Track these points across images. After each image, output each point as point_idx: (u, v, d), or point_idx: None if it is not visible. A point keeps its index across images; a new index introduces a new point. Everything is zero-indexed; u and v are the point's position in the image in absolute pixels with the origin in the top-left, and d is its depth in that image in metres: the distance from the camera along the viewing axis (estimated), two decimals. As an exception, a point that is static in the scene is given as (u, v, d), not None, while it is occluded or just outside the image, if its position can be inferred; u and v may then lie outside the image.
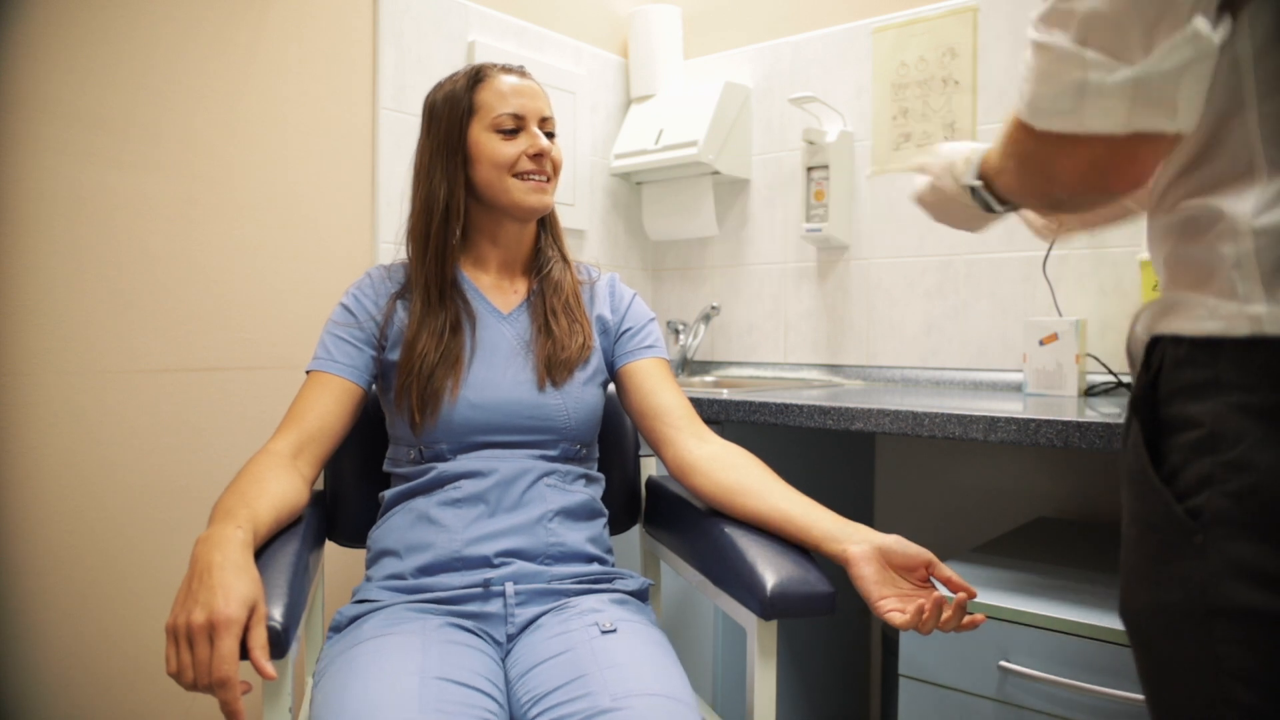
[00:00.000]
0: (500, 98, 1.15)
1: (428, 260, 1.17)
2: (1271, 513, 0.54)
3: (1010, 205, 0.79)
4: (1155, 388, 0.62)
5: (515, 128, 1.15)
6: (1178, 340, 0.60)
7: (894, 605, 0.93)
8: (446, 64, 1.83)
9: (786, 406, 1.44)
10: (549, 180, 1.18)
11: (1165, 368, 0.62)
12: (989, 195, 0.78)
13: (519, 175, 1.15)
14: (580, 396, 1.17)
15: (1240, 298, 0.56)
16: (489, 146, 1.15)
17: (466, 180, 1.17)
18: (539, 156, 1.16)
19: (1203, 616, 0.57)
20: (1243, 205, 0.57)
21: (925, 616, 0.90)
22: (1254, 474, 0.55)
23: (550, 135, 1.20)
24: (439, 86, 1.20)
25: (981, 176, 0.78)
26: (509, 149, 1.15)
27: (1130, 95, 0.55)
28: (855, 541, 0.97)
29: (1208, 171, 0.59)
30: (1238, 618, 0.56)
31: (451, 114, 1.16)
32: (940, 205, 0.88)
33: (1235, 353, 0.57)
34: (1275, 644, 0.55)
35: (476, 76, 1.17)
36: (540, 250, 1.25)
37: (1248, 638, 0.56)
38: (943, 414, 1.29)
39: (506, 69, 1.18)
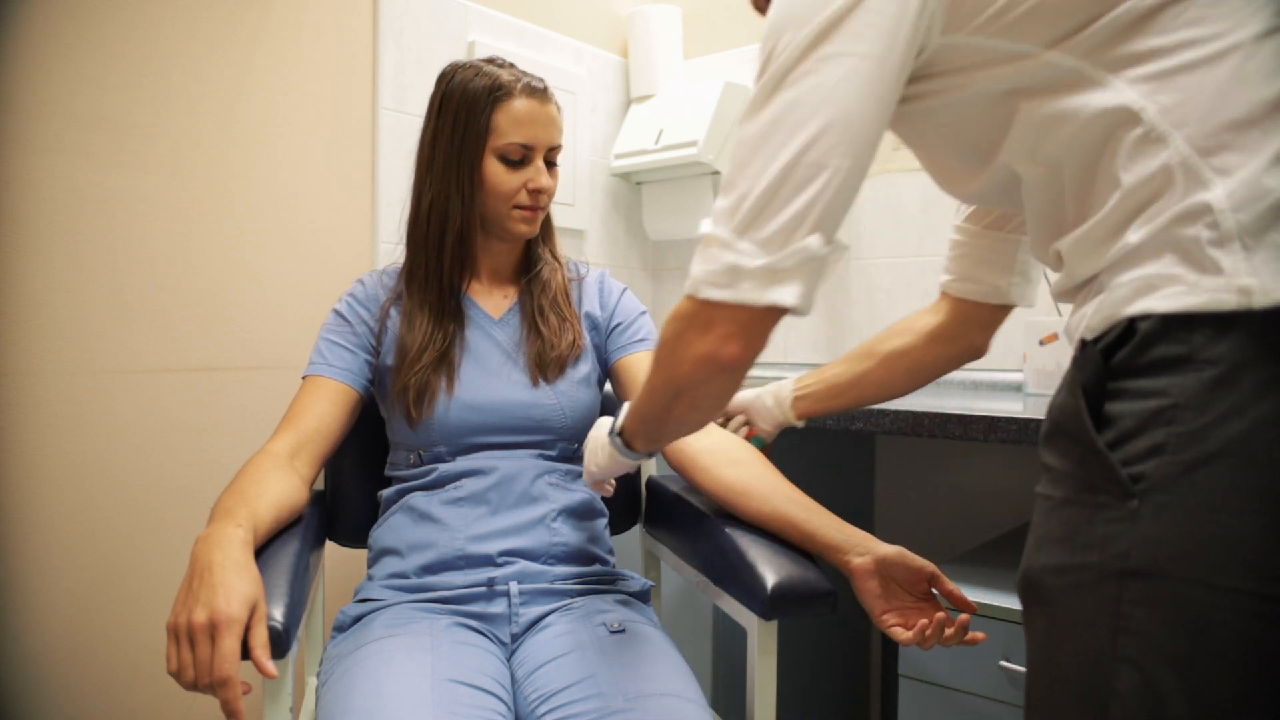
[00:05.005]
0: (515, 125, 1.12)
1: (444, 269, 1.15)
2: (1216, 482, 0.57)
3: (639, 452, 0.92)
4: (1107, 358, 0.64)
5: (521, 158, 1.14)
6: (1146, 317, 0.62)
7: (896, 620, 0.94)
8: (446, 64, 1.83)
9: (787, 406, 1.44)
10: (541, 210, 1.18)
11: (1130, 342, 0.63)
12: (621, 440, 0.92)
13: (516, 206, 1.15)
14: (575, 396, 1.17)
15: (1226, 272, 0.59)
16: (494, 176, 1.13)
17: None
18: (537, 193, 1.15)
19: (1116, 575, 0.60)
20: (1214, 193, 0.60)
21: (928, 634, 0.91)
22: (1212, 444, 0.57)
23: (552, 164, 1.18)
24: (456, 74, 1.16)
25: (621, 430, 0.92)
26: (512, 181, 1.13)
27: (767, 278, 0.67)
28: (859, 553, 0.97)
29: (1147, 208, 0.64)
30: (1155, 580, 0.59)
31: (470, 128, 1.12)
32: (604, 469, 0.98)
33: (1213, 328, 0.59)
34: (1179, 609, 0.58)
35: (498, 93, 1.12)
36: (531, 252, 1.25)
37: (1153, 599, 0.59)
38: (943, 414, 1.29)
39: (529, 90, 1.14)
